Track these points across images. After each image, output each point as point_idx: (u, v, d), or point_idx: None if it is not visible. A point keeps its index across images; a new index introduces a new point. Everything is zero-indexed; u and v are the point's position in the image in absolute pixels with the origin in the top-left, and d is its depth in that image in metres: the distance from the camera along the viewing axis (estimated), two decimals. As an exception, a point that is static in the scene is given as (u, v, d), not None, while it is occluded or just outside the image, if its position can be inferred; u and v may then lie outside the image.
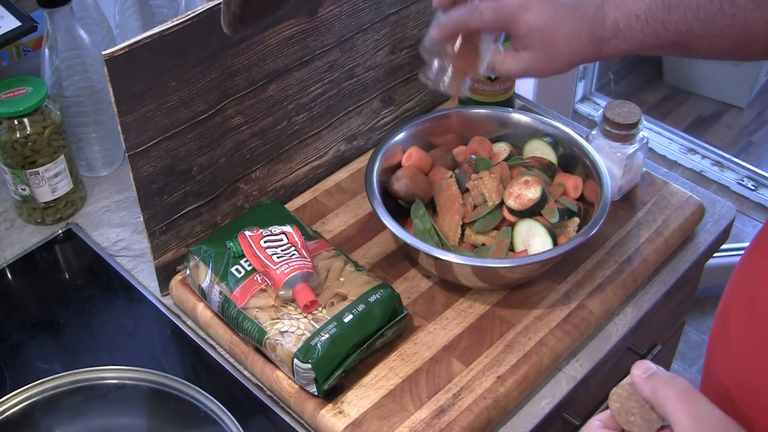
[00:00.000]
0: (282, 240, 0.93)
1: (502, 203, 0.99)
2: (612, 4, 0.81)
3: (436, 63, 0.88)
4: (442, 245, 0.97)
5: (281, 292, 0.89)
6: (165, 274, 1.00)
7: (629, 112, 1.05)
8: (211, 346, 0.97)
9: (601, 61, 0.91)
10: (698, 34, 0.78)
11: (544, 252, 0.94)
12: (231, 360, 0.95)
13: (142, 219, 0.94)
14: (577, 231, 0.99)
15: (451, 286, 0.99)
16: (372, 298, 0.90)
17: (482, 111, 1.11)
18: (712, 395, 0.83)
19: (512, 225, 0.98)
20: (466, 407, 0.87)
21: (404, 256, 1.03)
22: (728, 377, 0.83)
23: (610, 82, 2.92)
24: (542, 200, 0.97)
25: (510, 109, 1.12)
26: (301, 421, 0.89)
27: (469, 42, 0.85)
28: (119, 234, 1.10)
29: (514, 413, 0.91)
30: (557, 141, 1.06)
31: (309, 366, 0.85)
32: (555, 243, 0.95)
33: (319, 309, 0.90)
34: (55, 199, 1.09)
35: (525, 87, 2.34)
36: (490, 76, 1.12)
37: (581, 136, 1.06)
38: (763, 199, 2.50)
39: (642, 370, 0.59)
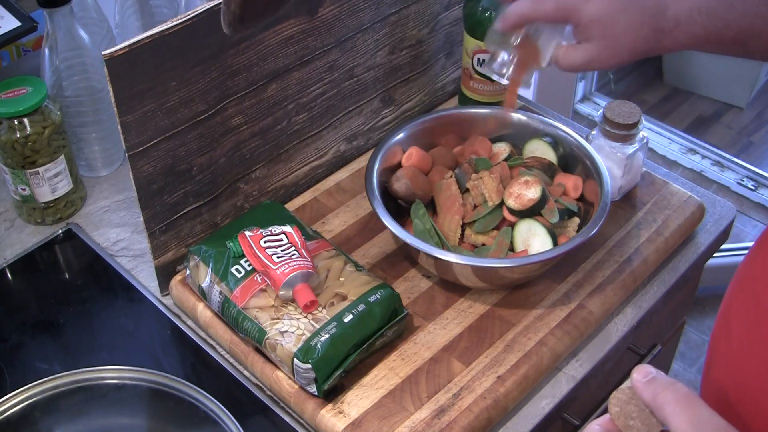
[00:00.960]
0: (282, 240, 0.93)
1: (502, 203, 0.99)
2: None
3: (500, 55, 0.89)
4: (442, 245, 0.97)
5: (281, 292, 0.89)
6: (165, 274, 1.00)
7: (629, 112, 1.05)
8: (211, 346, 0.97)
9: (662, 54, 0.92)
10: (759, 31, 0.79)
11: (544, 252, 0.94)
12: (231, 360, 0.95)
13: (142, 219, 0.94)
14: (577, 231, 0.99)
15: (451, 286, 0.99)
16: (372, 298, 0.90)
17: (482, 111, 1.11)
18: (711, 396, 0.83)
19: (512, 225, 0.98)
20: (466, 407, 0.87)
21: (404, 256, 1.03)
22: (728, 378, 0.83)
23: (610, 82, 2.92)
24: (542, 200, 0.97)
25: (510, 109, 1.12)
26: (301, 421, 0.89)
27: (532, 35, 0.87)
28: (119, 234, 1.10)
29: (514, 413, 0.91)
30: (557, 141, 1.06)
31: (309, 366, 0.85)
32: (555, 243, 0.95)
33: (319, 309, 0.90)
34: (55, 199, 1.09)
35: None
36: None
37: (581, 136, 1.06)
38: (763, 199, 2.50)
39: (642, 374, 0.59)
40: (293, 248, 0.92)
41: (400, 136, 1.06)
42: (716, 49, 0.83)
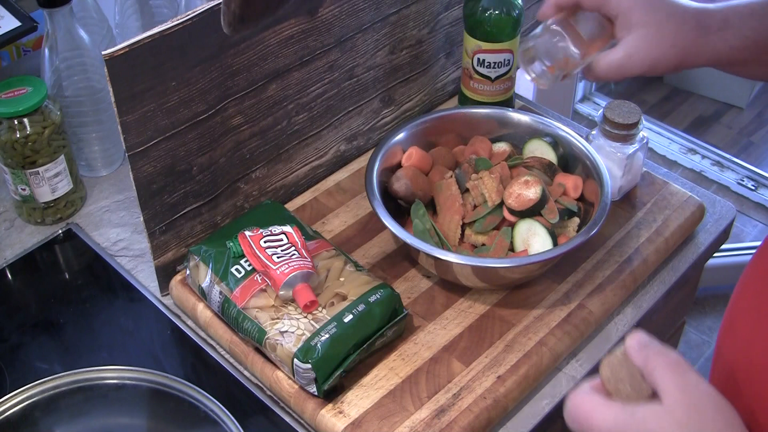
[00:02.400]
0: (282, 240, 0.93)
1: (502, 203, 0.99)
2: None
3: (532, 50, 0.87)
4: (442, 245, 0.97)
5: (281, 292, 0.89)
6: (165, 274, 1.00)
7: (629, 112, 1.05)
8: (211, 346, 0.97)
9: (706, 58, 0.85)
10: None
11: (544, 252, 0.94)
12: (231, 360, 0.95)
13: (142, 219, 0.94)
14: (577, 231, 0.99)
15: (451, 286, 0.99)
16: (372, 298, 0.90)
17: (482, 111, 1.11)
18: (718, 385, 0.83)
19: (512, 225, 0.98)
20: (466, 407, 0.87)
21: (404, 256, 1.03)
22: (735, 370, 0.82)
23: (610, 82, 2.92)
24: (542, 200, 0.97)
25: (510, 109, 1.12)
26: (301, 421, 0.89)
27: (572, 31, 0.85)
28: (119, 234, 1.10)
29: (514, 413, 0.91)
30: (557, 141, 1.06)
31: (309, 366, 0.85)
32: (555, 243, 0.95)
33: (319, 309, 0.90)
34: (55, 199, 1.09)
35: (525, 87, 2.34)
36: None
37: (581, 136, 1.06)
38: (763, 199, 2.50)
39: (636, 340, 0.60)
40: (293, 248, 0.92)
41: (400, 136, 1.06)
42: (765, 56, 0.80)
